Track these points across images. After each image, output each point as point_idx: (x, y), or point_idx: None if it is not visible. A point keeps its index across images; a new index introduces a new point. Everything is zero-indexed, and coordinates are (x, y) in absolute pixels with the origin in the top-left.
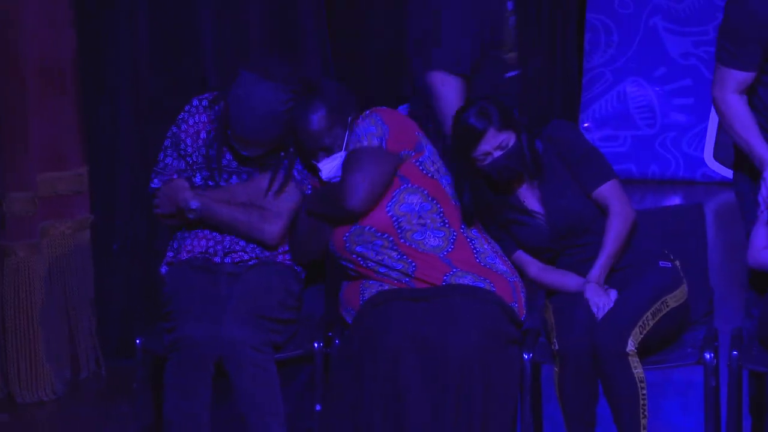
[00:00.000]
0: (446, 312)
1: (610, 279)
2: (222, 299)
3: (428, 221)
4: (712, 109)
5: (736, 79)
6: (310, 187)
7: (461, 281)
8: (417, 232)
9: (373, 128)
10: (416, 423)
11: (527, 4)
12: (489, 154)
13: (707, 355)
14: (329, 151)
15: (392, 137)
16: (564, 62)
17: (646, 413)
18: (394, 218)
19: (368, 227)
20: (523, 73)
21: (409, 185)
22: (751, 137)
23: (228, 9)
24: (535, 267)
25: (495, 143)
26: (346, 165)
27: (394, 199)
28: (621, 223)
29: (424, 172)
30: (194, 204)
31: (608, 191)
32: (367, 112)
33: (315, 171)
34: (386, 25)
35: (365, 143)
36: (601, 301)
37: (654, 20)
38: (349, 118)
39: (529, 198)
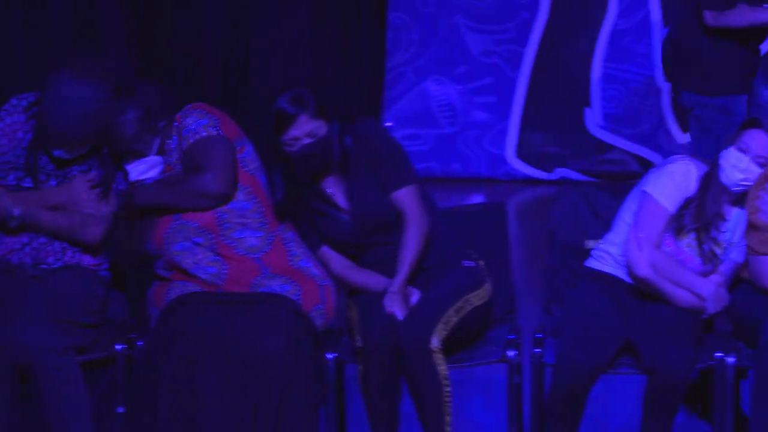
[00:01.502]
0: (248, 319)
1: (415, 279)
2: (25, 302)
3: (249, 220)
4: (514, 108)
5: None
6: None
7: (269, 284)
8: (237, 230)
9: (205, 120)
10: (210, 428)
11: (327, 3)
12: (298, 139)
13: (510, 353)
14: (137, 155)
15: (223, 127)
16: (365, 61)
17: (450, 411)
18: (218, 214)
19: (192, 222)
20: (322, 73)
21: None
22: None
23: (34, 8)
24: (339, 264)
25: (306, 129)
26: (196, 155)
27: None
28: (417, 233)
29: (245, 169)
30: (16, 212)
31: (404, 197)
32: (189, 106)
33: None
34: (187, 25)
35: (205, 134)
36: (399, 311)
37: (455, 18)
38: (161, 124)
39: (336, 193)
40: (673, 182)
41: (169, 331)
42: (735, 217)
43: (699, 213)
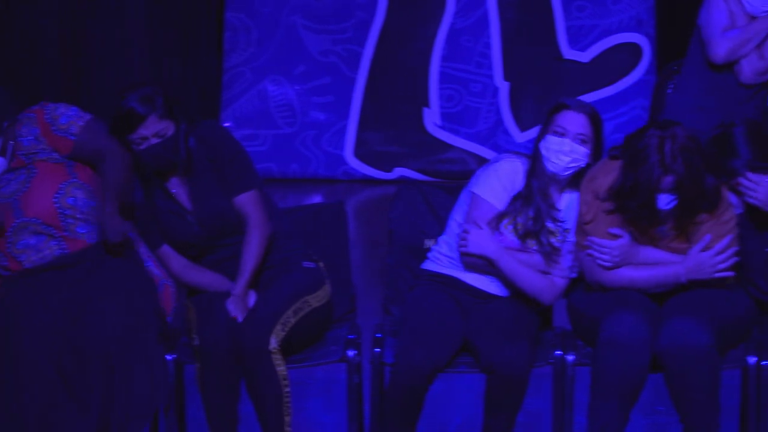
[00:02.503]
0: (87, 299)
1: (256, 279)
2: None
3: (91, 218)
4: (352, 108)
5: None
6: None
7: None
8: (79, 225)
9: (72, 111)
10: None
11: (164, 3)
12: (146, 139)
13: (350, 353)
14: None
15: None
16: (203, 61)
17: (289, 411)
18: (60, 210)
19: (34, 219)
20: (159, 74)
21: (76, 180)
22: None
23: None
24: (178, 263)
25: (155, 129)
26: (91, 136)
27: (61, 192)
28: (259, 238)
29: (88, 168)
30: None
31: (247, 201)
32: (44, 103)
33: None
34: (24, 26)
35: (86, 116)
36: (241, 315)
37: (293, 18)
38: (5, 124)
39: (180, 193)
40: (499, 180)
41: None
42: (567, 201)
43: (529, 207)
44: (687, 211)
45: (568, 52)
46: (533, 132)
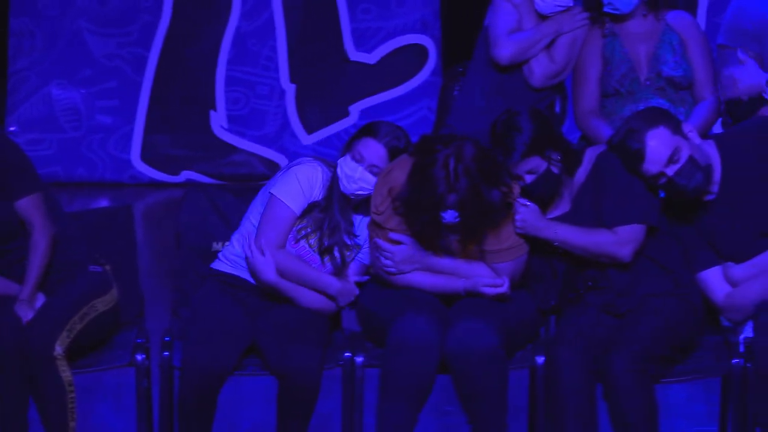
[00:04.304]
0: None
1: (42, 283)
2: None
3: None
4: (139, 111)
5: None
6: None
7: None
8: None
9: None
10: None
11: None
12: None
13: (138, 357)
14: None
15: None
16: None
17: (74, 416)
18: None
19: None
20: None
21: None
22: None
23: None
24: None
25: None
26: None
27: None
28: (44, 240)
29: None
30: None
31: (28, 205)
32: None
33: None
34: None
35: None
36: (27, 317)
37: (78, 22)
38: None
39: None
40: (299, 184)
41: None
42: (358, 223)
43: (327, 218)
44: (470, 229)
45: (354, 54)
46: (320, 135)
